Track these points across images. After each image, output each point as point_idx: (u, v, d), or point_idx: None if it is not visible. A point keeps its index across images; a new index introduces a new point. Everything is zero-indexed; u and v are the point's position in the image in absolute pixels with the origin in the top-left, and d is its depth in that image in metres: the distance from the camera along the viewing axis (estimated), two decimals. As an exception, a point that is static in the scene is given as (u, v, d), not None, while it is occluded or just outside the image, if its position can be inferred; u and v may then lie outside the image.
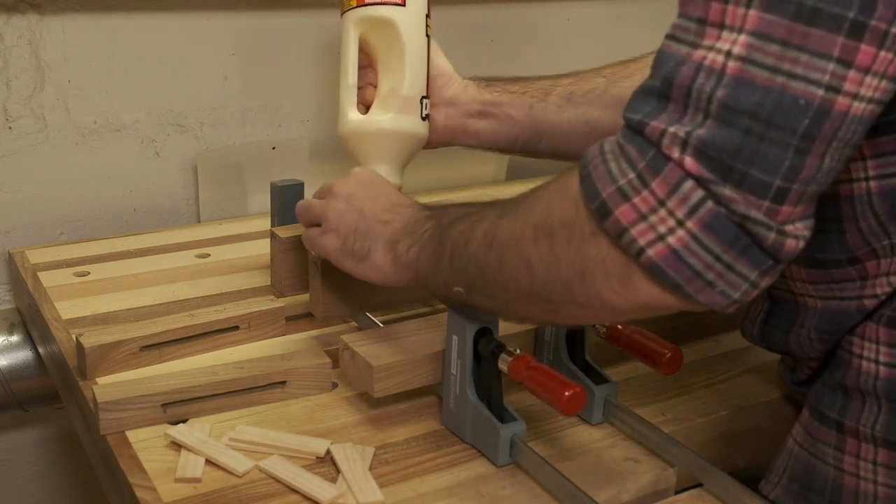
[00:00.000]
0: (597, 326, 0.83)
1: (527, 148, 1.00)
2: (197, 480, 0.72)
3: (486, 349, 0.75)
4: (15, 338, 1.11)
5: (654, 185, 0.56)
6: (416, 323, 0.86)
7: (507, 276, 0.66)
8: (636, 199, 0.56)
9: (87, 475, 1.32)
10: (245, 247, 1.18)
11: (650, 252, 0.56)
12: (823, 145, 0.55)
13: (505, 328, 0.82)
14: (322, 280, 0.87)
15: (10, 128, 1.14)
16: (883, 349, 0.69)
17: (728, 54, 0.54)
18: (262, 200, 1.28)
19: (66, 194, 1.21)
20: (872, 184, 0.67)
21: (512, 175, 1.52)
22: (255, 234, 1.21)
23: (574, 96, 0.98)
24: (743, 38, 0.54)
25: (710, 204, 0.55)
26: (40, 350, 1.07)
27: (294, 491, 0.71)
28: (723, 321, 1.01)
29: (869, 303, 0.70)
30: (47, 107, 1.16)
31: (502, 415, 0.76)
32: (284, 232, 0.93)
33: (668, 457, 0.77)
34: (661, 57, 0.58)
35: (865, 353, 0.70)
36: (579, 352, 0.84)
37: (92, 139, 1.20)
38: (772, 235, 0.55)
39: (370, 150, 0.97)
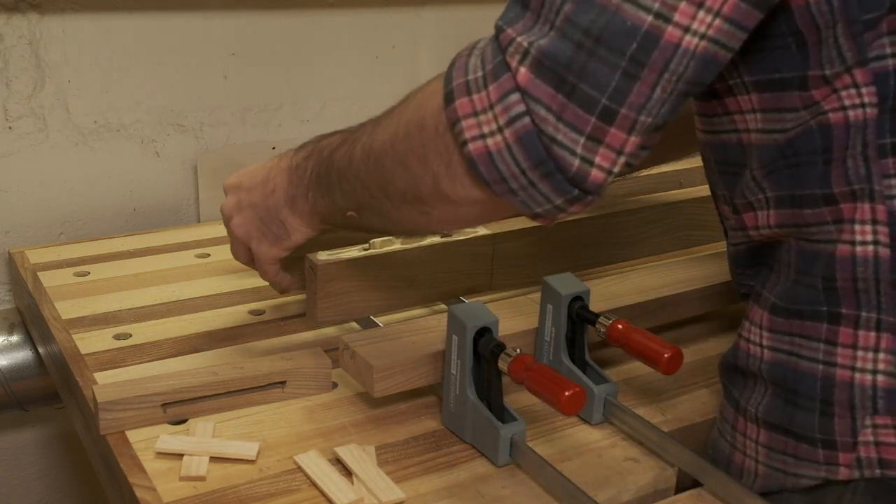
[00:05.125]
0: (597, 326, 0.82)
1: None
2: (201, 479, 0.72)
3: (486, 349, 0.75)
4: (15, 338, 1.11)
5: (490, 88, 0.59)
6: (416, 323, 0.86)
7: (386, 179, 0.67)
8: (475, 96, 0.59)
9: (87, 475, 1.32)
10: (245, 247, 1.18)
11: (471, 146, 0.60)
12: (654, 74, 0.56)
13: (505, 328, 0.82)
14: (318, 286, 0.87)
15: (10, 128, 1.14)
16: (766, 333, 0.70)
17: None
18: (262, 200, 1.28)
19: (66, 194, 1.21)
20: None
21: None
22: (255, 234, 1.21)
23: None
24: None
25: (526, 119, 0.57)
26: (40, 350, 1.07)
27: (300, 490, 0.72)
28: (724, 323, 1.01)
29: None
30: (47, 107, 1.16)
31: (502, 415, 0.76)
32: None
33: (668, 457, 0.77)
34: None
35: (752, 336, 0.72)
36: (579, 352, 0.84)
37: (92, 139, 1.20)
38: (576, 162, 0.57)
39: None
